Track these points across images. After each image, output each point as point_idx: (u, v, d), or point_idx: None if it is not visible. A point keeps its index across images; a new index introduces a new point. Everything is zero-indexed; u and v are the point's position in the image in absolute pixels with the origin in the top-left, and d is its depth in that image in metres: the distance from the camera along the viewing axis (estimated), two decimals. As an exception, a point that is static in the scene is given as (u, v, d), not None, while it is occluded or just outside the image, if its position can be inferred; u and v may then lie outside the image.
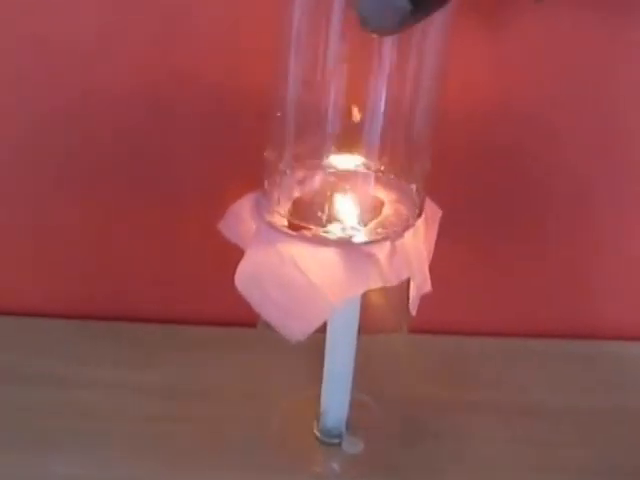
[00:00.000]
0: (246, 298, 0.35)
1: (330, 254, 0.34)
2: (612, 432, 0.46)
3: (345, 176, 0.37)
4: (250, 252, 0.36)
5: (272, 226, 0.36)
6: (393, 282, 0.35)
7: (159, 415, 0.46)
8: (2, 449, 0.43)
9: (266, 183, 0.37)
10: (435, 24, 0.33)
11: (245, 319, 0.42)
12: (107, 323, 0.53)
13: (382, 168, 0.37)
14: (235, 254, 0.37)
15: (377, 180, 0.37)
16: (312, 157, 0.37)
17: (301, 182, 0.38)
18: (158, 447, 0.44)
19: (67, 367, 0.49)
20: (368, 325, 0.40)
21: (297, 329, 0.35)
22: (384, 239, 0.35)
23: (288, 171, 0.37)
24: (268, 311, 0.35)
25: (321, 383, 0.43)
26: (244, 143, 0.43)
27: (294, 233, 0.35)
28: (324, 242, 0.35)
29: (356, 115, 0.35)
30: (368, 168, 0.37)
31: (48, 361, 0.50)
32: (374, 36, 0.32)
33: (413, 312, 0.37)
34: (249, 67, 0.44)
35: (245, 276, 0.35)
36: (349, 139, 0.36)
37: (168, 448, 0.44)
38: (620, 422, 0.47)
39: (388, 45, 0.33)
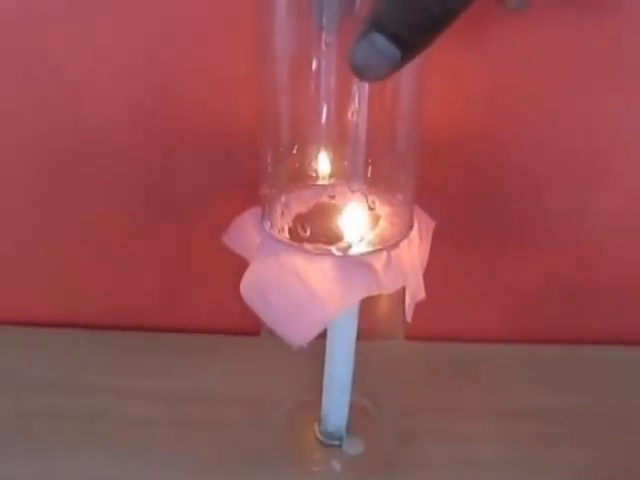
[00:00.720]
0: (250, 306, 0.37)
1: (329, 265, 0.36)
2: (604, 432, 0.48)
3: (342, 192, 0.39)
4: (254, 263, 0.37)
5: (275, 239, 0.38)
6: (389, 290, 0.37)
7: (164, 419, 0.48)
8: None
9: (267, 199, 0.39)
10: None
11: (249, 328, 0.45)
12: (115, 332, 0.55)
13: (375, 184, 0.39)
14: (237, 266, 0.38)
15: (371, 195, 0.39)
16: (309, 175, 0.39)
17: (300, 198, 0.39)
18: (163, 449, 0.45)
19: (79, 375, 0.51)
20: (367, 332, 0.42)
21: (299, 335, 0.36)
22: (380, 250, 0.37)
23: (286, 189, 0.39)
24: (271, 318, 0.37)
25: (322, 388, 0.44)
26: (244, 161, 0.44)
27: (296, 244, 0.37)
28: (324, 254, 0.37)
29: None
30: (363, 184, 0.39)
31: (53, 369, 0.52)
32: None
33: (409, 319, 0.39)
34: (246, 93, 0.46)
35: (250, 285, 0.37)
36: (341, 156, 0.38)
37: (173, 450, 0.45)
38: (611, 423, 0.48)
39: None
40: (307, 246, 0.37)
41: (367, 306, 0.40)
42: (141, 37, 0.46)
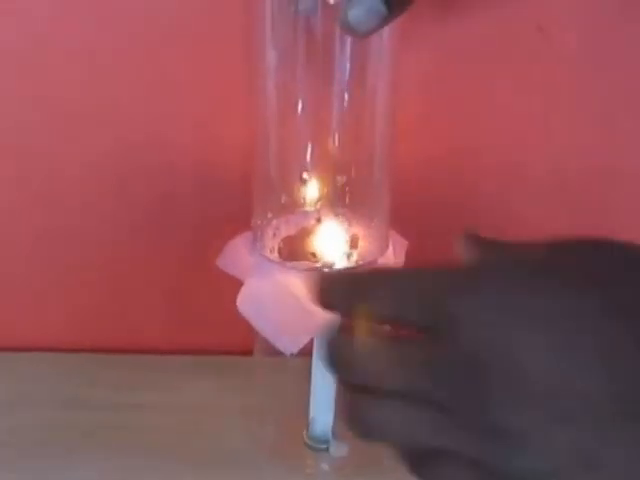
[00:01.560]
0: (247, 318, 0.41)
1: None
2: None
3: (326, 216, 0.43)
4: (249, 281, 0.42)
5: (267, 258, 0.42)
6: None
7: (166, 428, 0.52)
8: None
9: (259, 223, 0.44)
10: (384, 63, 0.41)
11: (242, 348, 0.49)
12: (120, 355, 0.59)
13: (354, 209, 0.44)
14: (228, 290, 0.43)
15: (352, 219, 0.44)
16: (297, 202, 0.44)
17: (289, 222, 0.44)
18: (165, 455, 0.50)
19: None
20: None
21: (291, 343, 0.41)
22: (360, 266, 0.42)
23: (276, 215, 0.44)
24: (265, 329, 0.41)
25: (309, 397, 0.47)
26: (234, 193, 0.50)
27: (286, 263, 0.42)
28: (312, 270, 0.42)
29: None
30: (344, 209, 0.44)
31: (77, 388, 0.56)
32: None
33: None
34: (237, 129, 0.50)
35: (246, 300, 0.41)
36: (324, 185, 0.43)
37: (175, 456, 0.50)
38: None
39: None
40: (296, 264, 0.42)
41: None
42: (135, 79, 0.51)
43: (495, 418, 0.28)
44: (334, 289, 0.33)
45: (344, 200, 0.43)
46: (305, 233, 0.43)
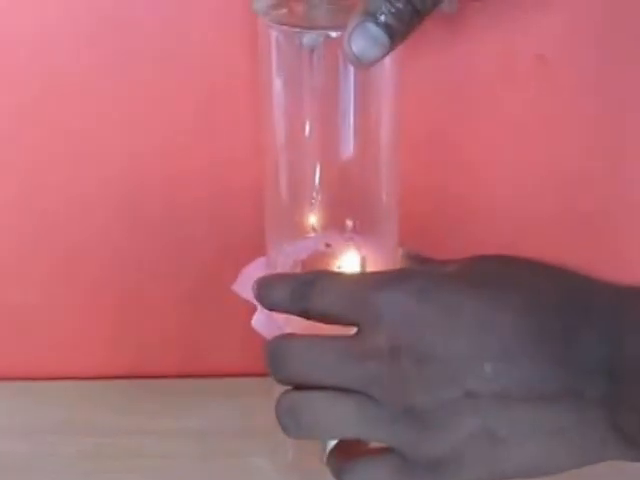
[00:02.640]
0: (267, 337, 0.42)
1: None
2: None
3: (336, 241, 0.45)
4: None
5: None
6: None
7: (186, 451, 0.53)
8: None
9: (271, 249, 0.45)
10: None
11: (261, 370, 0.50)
12: (132, 380, 0.60)
13: (363, 232, 0.45)
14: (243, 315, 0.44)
15: (360, 242, 0.45)
16: (307, 227, 0.45)
17: (300, 247, 0.45)
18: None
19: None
20: None
21: None
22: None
23: (287, 240, 0.45)
24: None
25: None
26: (247, 221, 0.52)
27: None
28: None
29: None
30: (353, 233, 0.45)
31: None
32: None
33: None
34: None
35: (265, 319, 0.42)
36: (333, 211, 0.44)
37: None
38: None
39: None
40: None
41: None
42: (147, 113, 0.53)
43: (413, 403, 0.31)
44: (276, 289, 0.37)
45: (353, 224, 0.44)
46: (315, 257, 0.45)
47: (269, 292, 0.38)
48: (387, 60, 0.39)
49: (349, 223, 0.44)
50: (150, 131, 0.54)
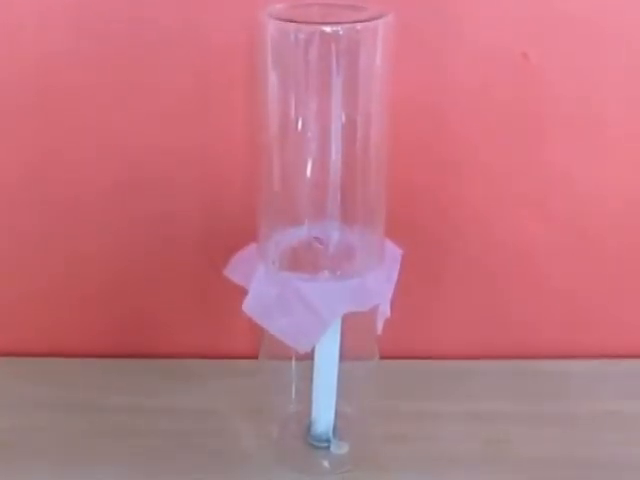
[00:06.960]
0: (257, 321, 0.44)
1: (322, 284, 0.44)
2: (558, 432, 0.54)
3: (325, 229, 0.46)
4: (256, 286, 0.45)
5: (271, 269, 0.45)
6: (367, 307, 0.45)
7: (173, 430, 0.54)
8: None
9: (263, 236, 0.46)
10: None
11: (248, 352, 0.52)
12: (131, 359, 0.62)
13: (352, 221, 0.46)
14: (234, 299, 0.45)
15: (349, 231, 0.46)
16: (298, 216, 0.46)
17: (289, 235, 0.46)
18: (173, 456, 0.52)
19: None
20: (347, 353, 0.49)
21: (304, 342, 0.44)
22: (357, 275, 0.45)
23: (278, 228, 0.46)
24: (278, 329, 0.44)
25: (311, 399, 0.50)
26: (240, 209, 0.53)
27: (289, 274, 0.45)
28: (317, 276, 0.45)
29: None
30: (342, 222, 0.46)
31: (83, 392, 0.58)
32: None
33: (379, 331, 0.47)
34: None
35: (255, 304, 0.44)
36: (323, 201, 0.45)
37: (181, 457, 0.52)
38: (564, 425, 0.55)
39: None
40: (298, 273, 0.45)
41: (347, 329, 0.47)
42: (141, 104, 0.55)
43: None
44: None
45: (341, 213, 0.45)
46: (305, 245, 0.46)
47: None
48: (379, 56, 0.41)
49: (338, 214, 0.45)
50: (145, 123, 0.55)
